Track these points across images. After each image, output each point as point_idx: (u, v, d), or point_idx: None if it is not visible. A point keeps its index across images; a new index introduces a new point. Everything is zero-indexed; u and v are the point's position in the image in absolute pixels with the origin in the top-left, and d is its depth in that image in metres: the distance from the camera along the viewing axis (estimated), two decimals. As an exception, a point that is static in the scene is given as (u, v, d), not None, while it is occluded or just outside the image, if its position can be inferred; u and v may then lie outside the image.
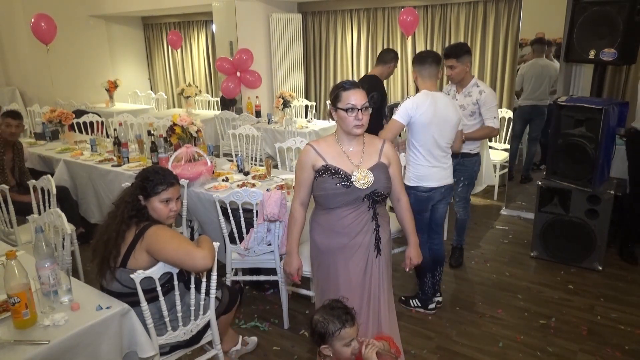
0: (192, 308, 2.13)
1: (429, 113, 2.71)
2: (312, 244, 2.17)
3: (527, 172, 5.05)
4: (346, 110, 1.95)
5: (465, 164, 3.44)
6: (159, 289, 1.99)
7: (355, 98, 1.95)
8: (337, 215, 2.03)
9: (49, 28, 6.36)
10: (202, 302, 2.18)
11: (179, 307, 2.09)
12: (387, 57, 4.21)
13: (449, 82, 3.53)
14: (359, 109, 1.95)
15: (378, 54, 4.43)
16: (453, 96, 3.42)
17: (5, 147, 3.93)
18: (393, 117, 2.78)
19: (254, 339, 2.82)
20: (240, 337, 2.74)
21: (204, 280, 2.14)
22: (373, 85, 4.05)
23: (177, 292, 2.05)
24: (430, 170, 2.82)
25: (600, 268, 3.55)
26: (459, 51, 3.26)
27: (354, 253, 2.05)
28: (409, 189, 2.79)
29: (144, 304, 1.97)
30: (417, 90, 2.87)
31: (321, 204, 2.08)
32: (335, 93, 1.99)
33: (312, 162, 2.04)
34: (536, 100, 4.74)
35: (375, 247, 2.06)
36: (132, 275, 1.90)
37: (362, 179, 1.98)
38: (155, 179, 2.10)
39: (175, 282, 2.03)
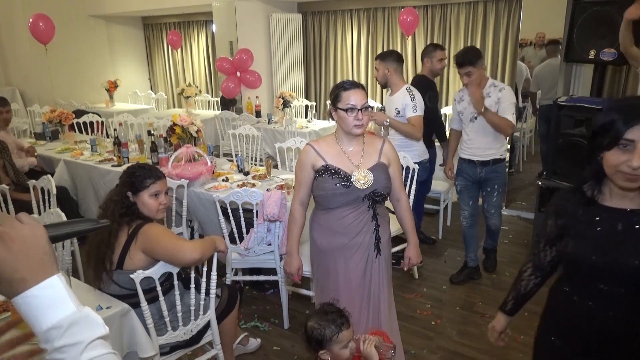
0: (192, 308, 2.13)
1: (423, 100, 3.33)
2: (312, 244, 2.17)
3: None
4: (346, 110, 1.95)
5: (497, 170, 3.25)
6: (159, 288, 1.99)
7: (355, 98, 1.95)
8: (337, 215, 2.03)
9: (47, 28, 6.35)
10: (202, 302, 2.18)
11: (179, 307, 2.09)
12: (423, 55, 3.89)
13: (461, 87, 3.32)
14: (359, 109, 1.95)
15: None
16: (469, 101, 3.13)
17: None
18: (417, 114, 3.27)
19: (258, 341, 2.81)
20: (246, 333, 2.74)
21: (203, 280, 2.15)
22: (424, 87, 3.70)
23: (177, 292, 2.05)
24: (425, 146, 3.55)
25: (600, 268, 3.54)
26: (472, 57, 3.02)
27: (353, 253, 2.05)
28: (418, 164, 3.38)
29: (144, 304, 1.97)
30: (387, 85, 3.44)
31: (321, 204, 2.08)
32: (336, 93, 2.00)
33: (312, 162, 2.04)
34: (552, 100, 4.72)
35: (375, 247, 2.06)
36: (132, 276, 1.90)
37: (362, 179, 1.98)
38: (142, 174, 2.12)
39: (175, 282, 2.03)
